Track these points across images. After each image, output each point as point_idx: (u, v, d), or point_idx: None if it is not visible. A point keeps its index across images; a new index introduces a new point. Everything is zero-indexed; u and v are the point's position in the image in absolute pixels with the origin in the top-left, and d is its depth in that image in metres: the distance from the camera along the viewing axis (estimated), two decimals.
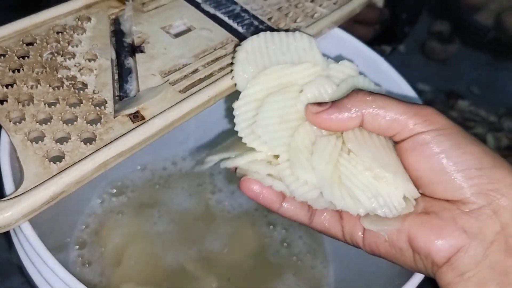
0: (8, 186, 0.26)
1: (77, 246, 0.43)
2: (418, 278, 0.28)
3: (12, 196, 0.24)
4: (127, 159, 0.38)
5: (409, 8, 0.62)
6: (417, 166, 0.24)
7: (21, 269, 0.46)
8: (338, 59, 0.41)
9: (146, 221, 0.46)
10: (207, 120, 0.49)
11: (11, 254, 0.48)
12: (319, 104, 0.26)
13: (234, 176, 0.53)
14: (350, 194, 0.25)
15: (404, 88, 0.37)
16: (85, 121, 0.28)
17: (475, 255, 0.22)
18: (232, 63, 0.31)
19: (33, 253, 0.25)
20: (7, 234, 0.48)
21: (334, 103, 0.25)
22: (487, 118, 0.78)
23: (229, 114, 0.50)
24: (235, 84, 0.30)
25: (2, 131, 0.27)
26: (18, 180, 0.26)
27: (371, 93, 0.25)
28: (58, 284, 0.24)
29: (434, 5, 0.89)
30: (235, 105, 0.28)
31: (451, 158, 0.22)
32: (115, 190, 0.47)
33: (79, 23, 0.33)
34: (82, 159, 0.26)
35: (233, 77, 0.30)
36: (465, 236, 0.22)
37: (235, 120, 0.28)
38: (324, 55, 0.31)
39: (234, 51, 0.31)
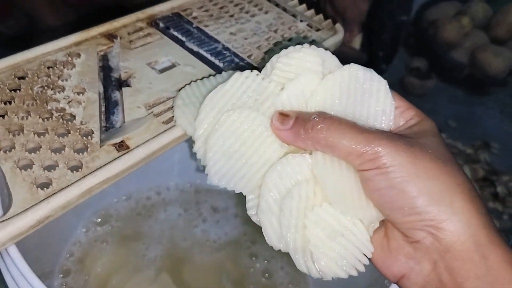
0: None
1: (62, 274, 0.43)
2: None
3: (1, 220, 0.25)
4: (111, 188, 0.40)
5: (385, 46, 0.66)
6: (369, 196, 0.25)
7: None
8: None
9: (130, 251, 0.47)
10: (190, 151, 0.51)
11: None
12: (282, 119, 0.27)
13: (219, 205, 0.54)
14: (314, 261, 0.25)
15: None
16: (72, 150, 0.30)
17: (416, 282, 0.24)
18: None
19: (19, 276, 0.26)
20: None
21: (292, 127, 0.26)
22: (464, 150, 0.81)
23: None
24: (185, 132, 0.31)
25: None
26: (7, 205, 0.27)
27: (328, 122, 0.25)
28: None
29: (411, 43, 0.93)
30: (194, 149, 0.28)
31: (386, 197, 0.24)
32: (99, 220, 0.49)
33: (69, 58, 0.35)
34: (68, 185, 0.27)
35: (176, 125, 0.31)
36: (407, 265, 0.25)
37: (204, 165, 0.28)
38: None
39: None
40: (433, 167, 0.24)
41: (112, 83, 0.35)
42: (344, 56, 0.47)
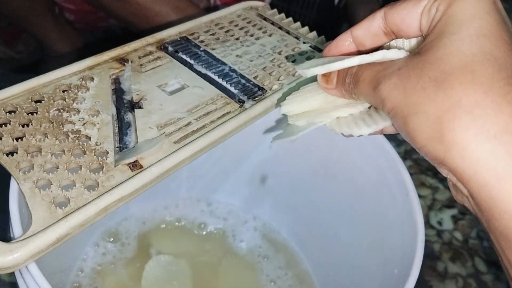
0: (17, 230, 0.28)
1: None
2: None
3: (21, 238, 0.26)
4: (122, 207, 0.41)
5: None
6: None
7: None
8: None
9: (141, 268, 0.48)
10: (197, 170, 0.52)
11: None
12: (326, 80, 0.29)
13: (230, 217, 0.55)
14: None
15: (378, 138, 0.41)
16: (88, 170, 0.31)
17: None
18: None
19: None
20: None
21: (336, 87, 0.29)
22: None
23: (219, 164, 0.53)
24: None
25: (12, 179, 0.30)
26: (26, 224, 0.28)
27: (354, 80, 0.26)
28: None
29: None
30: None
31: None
32: (111, 238, 0.49)
33: (83, 82, 0.37)
34: (85, 204, 0.29)
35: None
36: None
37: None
38: None
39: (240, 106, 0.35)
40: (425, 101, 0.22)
41: (124, 105, 0.36)
42: None
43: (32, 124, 0.33)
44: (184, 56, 0.41)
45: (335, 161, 0.45)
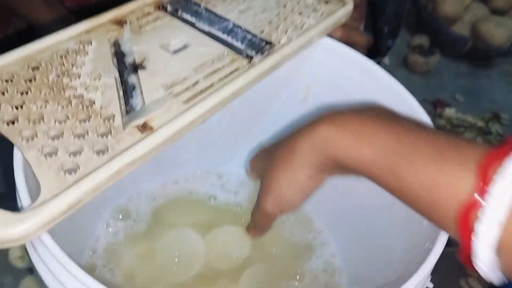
0: (25, 200, 0.26)
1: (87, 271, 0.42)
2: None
3: (31, 207, 0.24)
4: (129, 183, 0.38)
5: (389, 21, 0.65)
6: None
7: None
8: (333, 69, 0.42)
9: (154, 243, 0.46)
10: (206, 141, 0.50)
11: None
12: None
13: (241, 188, 0.53)
14: None
15: (401, 94, 0.39)
16: (96, 134, 0.29)
17: None
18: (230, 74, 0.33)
19: (56, 264, 0.25)
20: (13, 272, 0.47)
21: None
22: (475, 123, 0.80)
23: (227, 133, 0.51)
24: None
25: (15, 149, 0.28)
26: (34, 194, 0.27)
27: None
28: None
29: (412, 21, 0.92)
30: None
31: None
32: (120, 216, 0.48)
33: (81, 46, 0.34)
34: (96, 168, 0.27)
35: None
36: None
37: None
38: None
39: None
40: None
41: (127, 67, 0.34)
42: (353, 43, 0.47)
43: (31, 91, 0.31)
44: (184, 15, 0.39)
45: None
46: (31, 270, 0.49)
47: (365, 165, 0.27)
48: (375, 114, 0.29)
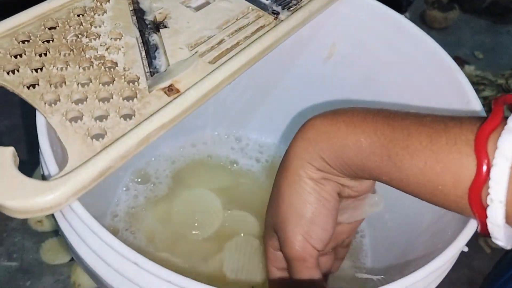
0: (52, 167, 0.25)
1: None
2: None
3: (60, 175, 0.23)
4: (147, 148, 0.37)
5: None
6: None
7: (52, 269, 0.46)
8: (360, 25, 0.40)
9: (173, 203, 0.46)
10: (225, 103, 0.49)
11: (39, 255, 0.47)
12: None
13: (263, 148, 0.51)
14: None
15: (436, 52, 0.37)
16: (121, 98, 0.27)
17: None
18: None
19: (87, 232, 0.24)
20: (33, 236, 0.47)
21: None
22: (495, 80, 0.78)
23: (246, 95, 0.50)
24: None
25: (37, 114, 0.27)
26: (60, 161, 0.26)
27: None
28: (113, 258, 0.24)
29: None
30: None
31: None
32: (139, 179, 0.47)
33: (98, 4, 0.32)
34: (124, 134, 0.25)
35: None
36: None
37: None
38: None
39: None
40: None
41: (147, 26, 0.32)
42: None
43: (50, 53, 0.29)
44: None
45: (378, 76, 0.41)
46: (50, 233, 0.48)
47: (364, 154, 0.25)
48: (361, 107, 0.28)
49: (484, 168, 0.21)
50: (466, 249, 0.30)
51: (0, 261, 0.46)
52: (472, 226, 0.27)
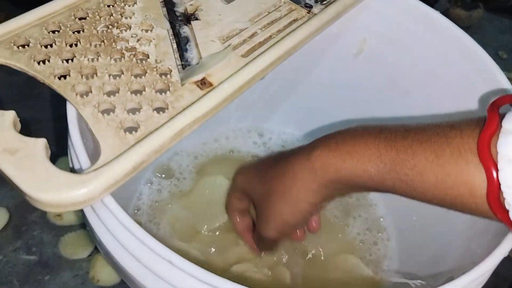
0: (84, 160, 0.24)
1: None
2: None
3: (93, 168, 0.23)
4: None
5: None
6: None
7: (70, 264, 0.46)
8: (392, 20, 0.39)
9: (195, 195, 0.45)
10: (250, 97, 0.48)
11: (58, 250, 0.47)
12: None
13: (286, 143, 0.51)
14: None
15: (472, 49, 0.36)
16: (153, 90, 0.27)
17: None
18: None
19: (118, 226, 0.23)
20: (52, 229, 0.47)
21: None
22: None
23: (270, 90, 0.49)
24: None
25: (68, 105, 0.26)
26: (91, 154, 0.25)
27: None
28: (147, 256, 0.23)
29: None
30: None
31: None
32: (163, 174, 0.46)
33: None
34: (158, 127, 0.25)
35: None
36: None
37: None
38: None
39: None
40: None
41: (178, 18, 0.31)
42: None
43: (80, 43, 0.28)
44: None
45: (407, 72, 0.40)
46: (69, 227, 0.48)
47: (376, 181, 0.26)
48: (362, 128, 0.28)
49: (494, 174, 0.21)
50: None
51: (19, 254, 0.46)
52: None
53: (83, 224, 0.47)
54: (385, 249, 0.43)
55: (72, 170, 0.26)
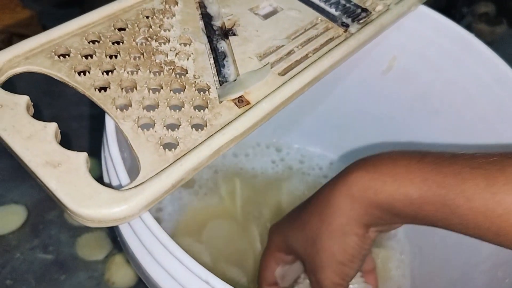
0: (123, 176, 0.24)
1: None
2: None
3: (133, 185, 0.23)
4: None
5: None
6: None
7: (86, 265, 0.46)
8: (424, 38, 0.39)
9: (215, 208, 0.45)
10: None
11: (75, 250, 0.47)
12: None
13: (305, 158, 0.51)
14: None
15: (505, 72, 0.35)
16: (192, 107, 0.27)
17: None
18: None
19: (156, 243, 0.23)
20: (70, 229, 0.47)
21: None
22: None
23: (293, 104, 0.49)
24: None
25: (107, 118, 0.26)
26: (128, 170, 0.25)
27: None
28: (182, 275, 0.23)
29: None
30: None
31: None
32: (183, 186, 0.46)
33: (167, 6, 0.32)
34: (197, 145, 0.25)
35: None
36: None
37: None
38: None
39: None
40: None
41: (215, 32, 0.31)
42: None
43: (120, 55, 0.28)
44: None
45: (438, 93, 0.40)
46: (86, 228, 0.48)
47: (416, 206, 0.25)
48: (401, 152, 0.27)
49: None
50: None
51: (36, 252, 0.46)
52: None
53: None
54: (400, 272, 0.43)
55: (109, 185, 0.26)
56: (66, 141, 0.24)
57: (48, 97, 0.56)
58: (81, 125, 0.56)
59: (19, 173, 0.22)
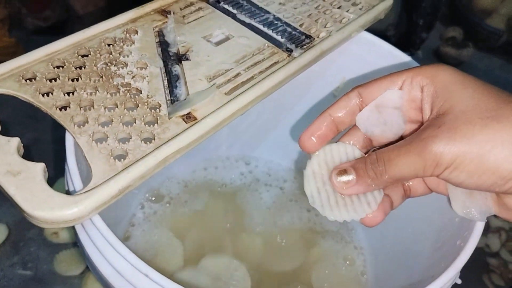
0: (77, 183, 0.28)
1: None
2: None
3: (84, 190, 0.26)
4: (162, 169, 0.40)
5: (425, 14, 0.64)
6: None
7: (63, 280, 0.48)
8: (370, 63, 0.43)
9: (183, 222, 0.48)
10: (237, 127, 0.51)
11: (53, 266, 0.50)
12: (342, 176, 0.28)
13: (272, 172, 0.54)
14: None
15: None
16: (143, 123, 0.30)
17: None
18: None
19: (106, 245, 0.26)
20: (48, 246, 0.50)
21: (357, 182, 0.27)
22: None
23: (257, 121, 0.52)
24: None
25: (67, 134, 0.30)
26: (84, 178, 0.28)
27: (383, 161, 0.26)
28: (128, 271, 0.26)
29: (445, 12, 0.91)
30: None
31: (474, 184, 0.26)
32: (153, 198, 0.49)
33: (127, 35, 0.35)
34: (144, 156, 0.28)
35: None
36: None
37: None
38: None
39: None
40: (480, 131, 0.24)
41: (171, 57, 0.35)
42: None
43: (81, 78, 0.32)
44: (226, 6, 0.40)
45: None
46: (65, 245, 0.51)
47: None
48: None
49: None
50: (459, 281, 0.32)
51: (16, 269, 0.49)
52: (461, 260, 0.28)
53: (76, 243, 0.50)
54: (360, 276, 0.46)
55: (67, 191, 0.29)
56: (46, 161, 0.26)
57: (32, 121, 0.60)
58: (61, 147, 0.60)
59: (0, 193, 0.25)
